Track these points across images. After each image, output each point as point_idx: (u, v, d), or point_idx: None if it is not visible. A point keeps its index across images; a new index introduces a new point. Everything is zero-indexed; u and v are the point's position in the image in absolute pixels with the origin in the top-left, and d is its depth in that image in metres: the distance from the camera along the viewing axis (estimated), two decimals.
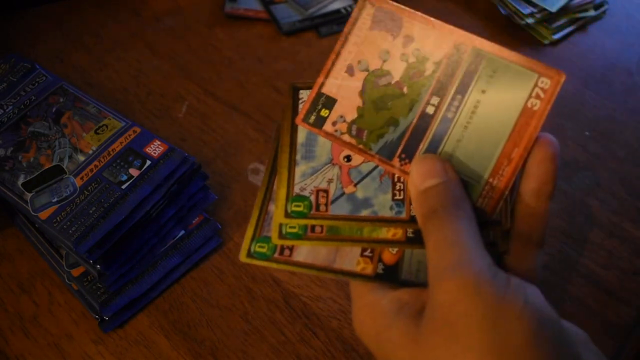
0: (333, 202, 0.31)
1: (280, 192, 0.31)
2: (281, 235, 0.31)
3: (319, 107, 0.31)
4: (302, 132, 0.33)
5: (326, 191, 0.31)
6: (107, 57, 0.67)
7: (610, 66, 0.65)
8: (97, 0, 0.74)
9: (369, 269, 0.31)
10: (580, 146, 0.57)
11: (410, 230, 0.30)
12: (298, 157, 0.32)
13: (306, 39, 0.68)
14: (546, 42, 0.67)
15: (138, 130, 0.49)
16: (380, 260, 0.31)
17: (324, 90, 0.32)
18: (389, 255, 0.31)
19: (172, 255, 0.48)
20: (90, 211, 0.44)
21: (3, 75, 0.55)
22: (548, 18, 0.68)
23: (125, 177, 0.46)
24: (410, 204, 0.30)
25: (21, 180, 0.47)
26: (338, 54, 0.32)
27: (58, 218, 0.44)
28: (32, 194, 0.46)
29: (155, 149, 0.47)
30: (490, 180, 0.29)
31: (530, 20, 0.67)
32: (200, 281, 0.48)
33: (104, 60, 0.66)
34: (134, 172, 0.46)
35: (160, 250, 0.47)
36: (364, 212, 0.31)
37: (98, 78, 0.64)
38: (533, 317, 0.24)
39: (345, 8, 0.70)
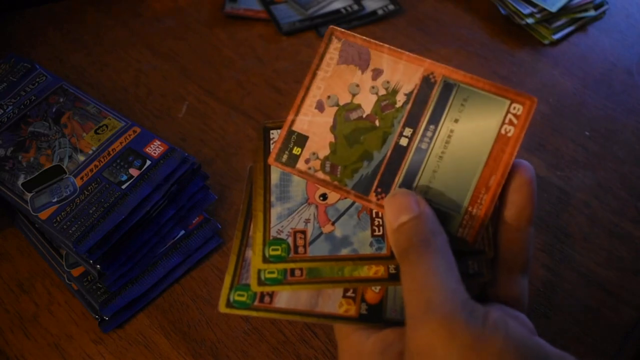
0: (311, 242, 0.30)
1: (257, 237, 0.31)
2: (260, 282, 0.30)
3: (291, 145, 0.31)
4: (276, 173, 0.32)
5: (304, 232, 0.31)
6: (107, 57, 0.67)
7: (610, 66, 0.65)
8: (97, 0, 0.74)
9: (352, 310, 0.30)
10: (580, 146, 0.57)
11: (392, 267, 0.30)
12: (273, 198, 0.31)
13: (306, 39, 0.68)
14: (546, 42, 0.67)
15: (138, 130, 0.49)
16: (363, 300, 0.30)
17: (295, 127, 0.31)
18: (372, 294, 0.30)
19: (172, 255, 0.48)
20: (90, 211, 0.44)
21: (3, 75, 0.55)
22: (548, 18, 0.68)
23: (125, 177, 0.46)
24: None
25: (21, 180, 0.47)
26: (307, 90, 0.31)
27: (58, 218, 0.44)
28: (32, 194, 0.46)
29: (155, 149, 0.47)
30: (470, 209, 0.28)
31: (530, 20, 0.67)
32: (200, 281, 0.48)
33: (104, 60, 0.66)
34: (134, 172, 0.46)
35: (160, 250, 0.47)
36: (344, 251, 0.30)
37: (98, 78, 0.64)
38: (515, 355, 0.24)
39: (345, 8, 0.70)
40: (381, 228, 0.30)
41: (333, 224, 0.31)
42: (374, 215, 0.31)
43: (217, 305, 0.46)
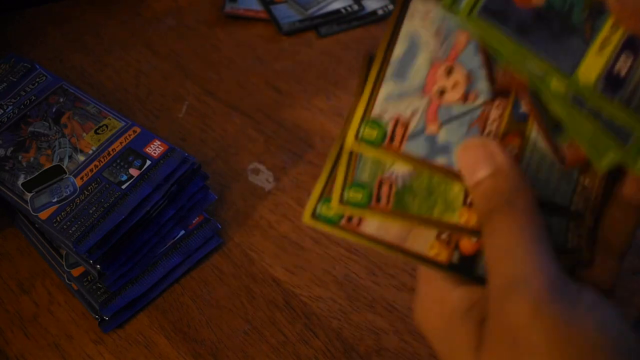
0: (410, 138, 0.27)
1: (359, 109, 0.27)
2: (342, 201, 0.27)
3: None
4: (401, 46, 0.28)
5: (406, 125, 0.27)
6: (107, 57, 0.67)
7: None
8: (97, 0, 0.74)
9: (442, 256, 0.27)
10: None
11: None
12: (388, 73, 0.28)
13: (306, 39, 0.68)
14: None
15: (138, 130, 0.49)
16: (457, 247, 0.27)
17: None
18: (468, 244, 0.27)
19: (172, 255, 0.48)
20: (90, 211, 0.44)
21: (3, 75, 0.55)
22: None
23: (125, 177, 0.46)
24: None
25: (21, 180, 0.47)
26: None
27: (58, 218, 0.44)
28: (32, 194, 0.46)
29: (155, 149, 0.47)
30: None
31: None
32: (200, 281, 0.48)
33: (104, 60, 0.66)
34: (134, 172, 0.46)
35: (160, 250, 0.47)
36: (439, 160, 0.27)
37: (98, 78, 0.64)
38: (609, 347, 0.22)
39: (345, 8, 0.70)
40: None
41: (440, 126, 0.27)
42: (486, 132, 0.27)
43: (217, 300, 0.46)
